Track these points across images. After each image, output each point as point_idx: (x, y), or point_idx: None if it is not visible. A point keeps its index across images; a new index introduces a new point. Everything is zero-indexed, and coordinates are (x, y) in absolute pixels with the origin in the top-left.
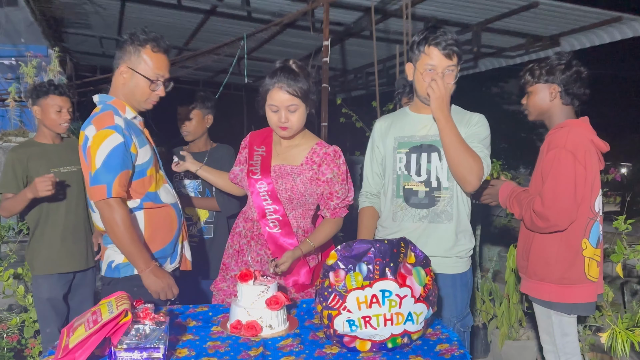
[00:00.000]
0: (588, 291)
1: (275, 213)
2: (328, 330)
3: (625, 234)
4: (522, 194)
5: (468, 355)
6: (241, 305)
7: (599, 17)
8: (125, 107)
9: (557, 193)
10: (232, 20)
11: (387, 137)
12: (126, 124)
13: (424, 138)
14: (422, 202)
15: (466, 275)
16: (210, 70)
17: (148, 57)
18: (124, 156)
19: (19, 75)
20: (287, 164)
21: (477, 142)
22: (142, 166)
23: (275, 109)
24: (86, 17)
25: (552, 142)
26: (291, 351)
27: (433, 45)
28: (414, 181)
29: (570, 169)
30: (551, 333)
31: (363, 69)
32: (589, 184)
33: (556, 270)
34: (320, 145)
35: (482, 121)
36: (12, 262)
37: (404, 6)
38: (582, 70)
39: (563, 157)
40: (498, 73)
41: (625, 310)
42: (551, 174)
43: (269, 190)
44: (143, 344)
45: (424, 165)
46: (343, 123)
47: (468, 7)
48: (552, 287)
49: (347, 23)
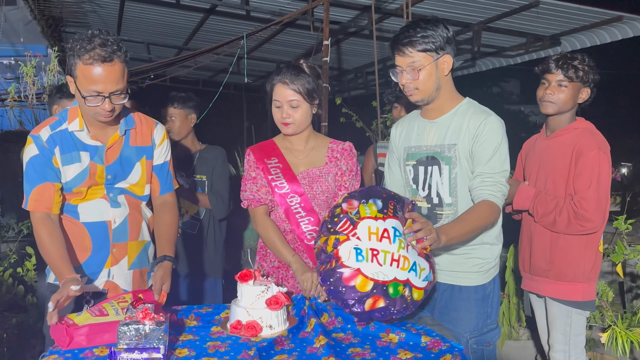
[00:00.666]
0: (595, 287)
1: (311, 224)
2: (329, 263)
3: (625, 234)
4: (546, 197)
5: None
6: (241, 305)
7: (600, 17)
8: (76, 117)
9: (600, 196)
10: (232, 19)
11: (399, 147)
12: (54, 137)
13: (430, 148)
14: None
15: (484, 289)
16: (210, 70)
17: (81, 71)
18: (41, 169)
19: (19, 75)
20: (313, 167)
21: (483, 166)
22: (68, 183)
23: (279, 104)
24: (85, 17)
25: (583, 144)
26: (282, 350)
27: (394, 48)
28: (419, 196)
29: (607, 172)
30: (567, 333)
31: (363, 68)
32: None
33: (586, 270)
34: (335, 143)
35: (488, 133)
36: (12, 262)
37: (404, 5)
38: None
39: (602, 160)
40: (498, 73)
41: (625, 310)
42: (594, 178)
43: (301, 202)
44: (143, 344)
45: (427, 179)
46: (343, 123)
47: (468, 6)
48: (585, 287)
49: (347, 22)
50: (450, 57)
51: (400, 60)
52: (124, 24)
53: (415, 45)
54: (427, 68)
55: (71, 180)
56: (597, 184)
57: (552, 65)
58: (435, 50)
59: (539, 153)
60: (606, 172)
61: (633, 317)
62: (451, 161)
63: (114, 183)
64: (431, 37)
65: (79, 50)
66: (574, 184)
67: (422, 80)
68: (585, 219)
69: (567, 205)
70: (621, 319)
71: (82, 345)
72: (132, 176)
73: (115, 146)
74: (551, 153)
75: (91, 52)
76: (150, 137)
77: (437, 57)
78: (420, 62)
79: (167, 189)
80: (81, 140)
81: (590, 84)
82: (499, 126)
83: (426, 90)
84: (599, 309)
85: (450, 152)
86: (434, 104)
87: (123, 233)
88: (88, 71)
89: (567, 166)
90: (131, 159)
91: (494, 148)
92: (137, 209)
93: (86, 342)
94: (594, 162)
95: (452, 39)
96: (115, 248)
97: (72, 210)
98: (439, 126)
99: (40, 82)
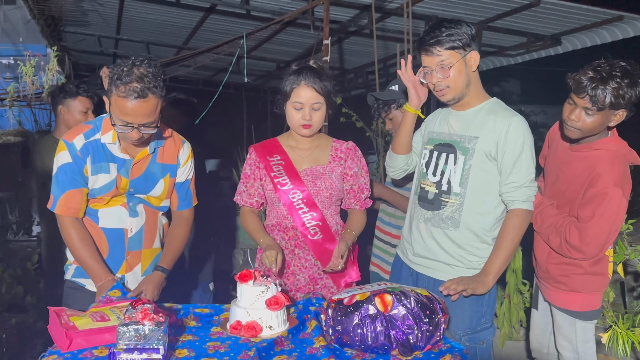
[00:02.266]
0: (601, 296)
1: (314, 220)
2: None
3: (626, 234)
4: (549, 210)
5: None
6: (241, 305)
7: (601, 17)
8: (110, 129)
9: (599, 231)
10: (232, 18)
11: (425, 130)
12: (88, 146)
13: (451, 136)
14: (428, 204)
15: None
16: (210, 70)
17: (115, 100)
18: (72, 175)
19: (18, 75)
20: (316, 165)
21: (509, 176)
22: (93, 191)
23: (300, 106)
24: (84, 16)
25: (598, 175)
26: (282, 350)
27: (421, 49)
28: (429, 180)
29: (616, 207)
30: (573, 340)
31: (363, 68)
32: (626, 209)
33: (587, 281)
34: (338, 142)
35: (512, 138)
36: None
37: (404, 4)
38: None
39: (613, 195)
40: (499, 72)
41: (625, 311)
42: (598, 213)
43: (304, 197)
44: (142, 345)
45: (440, 165)
46: (343, 123)
47: (469, 6)
48: (584, 298)
49: (347, 21)
50: (477, 52)
51: (428, 60)
52: (123, 23)
53: (443, 43)
54: (457, 65)
55: (98, 189)
56: (599, 220)
57: (582, 88)
58: (462, 47)
59: (560, 156)
60: (614, 208)
61: (634, 318)
62: (468, 152)
63: (134, 194)
64: (457, 34)
65: (116, 79)
66: (578, 211)
67: (453, 77)
68: (575, 249)
69: (565, 229)
70: (622, 320)
71: (82, 347)
72: (154, 191)
73: (142, 162)
74: (570, 169)
75: (127, 86)
76: (176, 156)
77: (464, 53)
78: (449, 60)
79: (185, 206)
80: (111, 152)
81: (628, 104)
82: (524, 128)
83: (457, 88)
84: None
85: (470, 143)
86: (464, 99)
87: (138, 241)
88: (121, 103)
89: (578, 189)
90: (156, 175)
91: (520, 150)
92: (153, 218)
93: (86, 344)
94: (602, 198)
95: (475, 36)
96: (129, 255)
97: (92, 213)
98: (464, 117)
99: (40, 81)
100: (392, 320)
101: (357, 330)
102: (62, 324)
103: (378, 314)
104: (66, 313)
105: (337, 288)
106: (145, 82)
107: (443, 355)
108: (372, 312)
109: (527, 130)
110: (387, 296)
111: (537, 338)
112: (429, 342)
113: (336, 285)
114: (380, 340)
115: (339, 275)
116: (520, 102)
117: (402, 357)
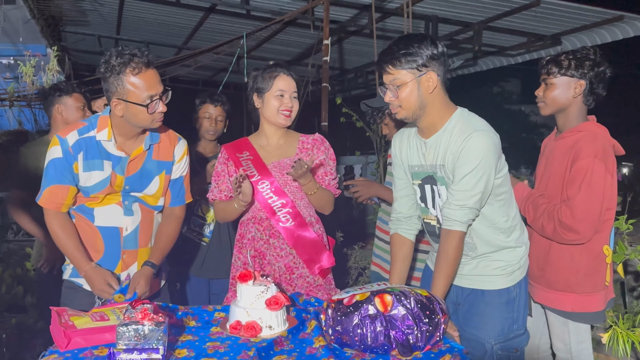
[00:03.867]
0: (603, 298)
1: (284, 207)
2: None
3: (626, 234)
4: (539, 199)
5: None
6: (240, 305)
7: (601, 16)
8: (106, 127)
9: (589, 206)
10: (232, 18)
11: (404, 163)
12: (80, 143)
13: (428, 168)
14: (438, 237)
15: (509, 292)
16: (210, 69)
17: (132, 82)
18: (61, 171)
19: (18, 75)
20: (284, 157)
21: (455, 184)
22: (87, 188)
23: (282, 93)
24: (84, 16)
25: (580, 149)
26: (282, 350)
27: (377, 66)
28: (430, 215)
29: (601, 180)
30: (567, 341)
31: (363, 68)
32: (615, 192)
33: (580, 280)
34: (305, 136)
35: (467, 151)
36: (12, 262)
37: (404, 4)
38: (608, 71)
39: (596, 167)
40: (499, 72)
41: (626, 311)
42: (584, 186)
43: (272, 187)
44: (142, 345)
45: (432, 198)
46: (343, 123)
47: (469, 6)
48: (576, 298)
49: (348, 21)
50: (435, 74)
51: (384, 77)
52: (123, 23)
53: (395, 63)
54: (409, 85)
55: (92, 187)
56: (586, 193)
57: (542, 66)
58: (417, 68)
59: (547, 153)
60: (599, 181)
61: (634, 318)
62: (444, 181)
63: (130, 192)
64: (414, 54)
65: (117, 67)
66: (566, 191)
67: (404, 98)
68: (569, 229)
69: (556, 213)
70: (622, 319)
71: (80, 346)
72: (150, 188)
73: (138, 159)
74: (555, 155)
75: (132, 63)
76: (171, 153)
77: (419, 74)
78: (400, 80)
79: (178, 203)
80: (106, 149)
81: (587, 75)
82: (482, 145)
83: (409, 108)
84: None
85: (441, 172)
86: (424, 122)
87: (133, 240)
88: (139, 79)
89: (563, 170)
90: (151, 172)
91: (471, 167)
92: (149, 217)
93: (85, 343)
94: (586, 170)
95: (439, 55)
96: (125, 254)
97: (88, 212)
98: (431, 145)
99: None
100: (391, 321)
101: (356, 331)
102: (61, 323)
103: (378, 314)
104: (67, 313)
105: (312, 274)
106: (141, 54)
107: (443, 356)
108: (372, 312)
109: (485, 147)
110: (387, 296)
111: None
112: (429, 342)
113: (311, 272)
114: (380, 341)
115: (312, 261)
116: (520, 102)
117: (401, 357)
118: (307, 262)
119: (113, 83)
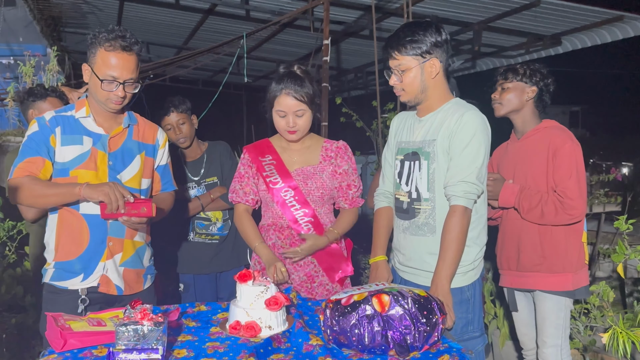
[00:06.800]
0: (586, 274)
1: (306, 216)
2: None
3: (626, 234)
4: (530, 192)
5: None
6: (240, 305)
7: (601, 16)
8: (84, 106)
9: (581, 185)
10: (231, 19)
11: (394, 140)
12: (58, 119)
13: (415, 144)
14: (404, 213)
15: (462, 292)
16: (210, 70)
17: (101, 57)
18: (37, 144)
19: (18, 75)
20: (307, 165)
21: (453, 160)
22: (65, 165)
23: (283, 114)
24: (84, 17)
25: (555, 138)
26: (279, 348)
27: (384, 51)
28: (402, 190)
29: (582, 162)
30: (560, 326)
31: (363, 68)
32: None
33: (572, 259)
34: (329, 142)
35: (463, 128)
36: (12, 262)
37: (404, 4)
38: (553, 85)
39: (577, 151)
40: None
41: (626, 311)
42: (573, 167)
43: (295, 195)
44: (141, 345)
45: (410, 174)
46: (343, 123)
47: (469, 6)
48: (573, 276)
49: (347, 22)
50: (438, 60)
51: (390, 62)
52: (123, 24)
53: (401, 49)
54: (413, 70)
55: (70, 162)
56: (576, 174)
57: (499, 74)
58: (421, 54)
59: (512, 155)
60: (582, 162)
61: (634, 318)
62: (429, 156)
63: (114, 171)
64: (419, 41)
65: (100, 38)
66: (554, 178)
67: (407, 82)
68: (571, 207)
69: (552, 197)
70: (622, 320)
71: (76, 347)
72: (132, 167)
73: (118, 137)
74: (526, 153)
75: (112, 41)
76: (153, 137)
77: (423, 60)
78: (405, 65)
79: (169, 188)
80: (86, 127)
81: (538, 83)
82: (476, 121)
83: (411, 92)
84: (600, 310)
85: (430, 147)
86: (424, 104)
87: (120, 228)
88: (108, 57)
89: (544, 162)
90: (132, 151)
91: (466, 142)
92: None
93: (80, 345)
94: (571, 154)
95: (442, 43)
96: (112, 242)
97: (72, 202)
98: (425, 123)
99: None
100: (389, 321)
101: (354, 331)
102: (58, 326)
103: (375, 314)
104: (63, 317)
105: (332, 282)
106: (127, 38)
107: (441, 355)
108: (370, 312)
109: (480, 124)
110: (384, 296)
111: (524, 330)
112: (427, 342)
113: (331, 280)
114: (377, 341)
115: (332, 270)
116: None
117: (399, 358)
118: (327, 270)
119: (91, 50)
